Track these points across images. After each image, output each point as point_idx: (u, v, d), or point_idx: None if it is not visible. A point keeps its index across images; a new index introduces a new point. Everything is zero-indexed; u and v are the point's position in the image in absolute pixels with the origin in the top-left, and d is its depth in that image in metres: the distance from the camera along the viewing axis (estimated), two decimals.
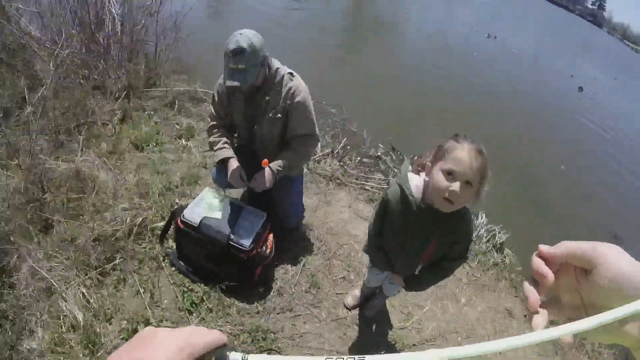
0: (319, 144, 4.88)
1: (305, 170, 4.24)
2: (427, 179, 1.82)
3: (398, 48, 15.02)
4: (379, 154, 5.94)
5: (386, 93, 9.72)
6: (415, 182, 1.88)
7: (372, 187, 4.78)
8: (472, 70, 15.38)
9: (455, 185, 1.64)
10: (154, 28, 6.71)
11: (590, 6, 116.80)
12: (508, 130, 10.30)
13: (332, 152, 5.19)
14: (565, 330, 0.47)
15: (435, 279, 2.18)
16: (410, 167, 1.99)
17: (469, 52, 18.41)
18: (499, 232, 4.76)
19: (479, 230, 4.69)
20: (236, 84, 2.48)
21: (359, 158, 5.52)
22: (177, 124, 4.84)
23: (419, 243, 1.97)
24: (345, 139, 5.70)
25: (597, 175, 9.81)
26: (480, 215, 4.88)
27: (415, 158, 2.05)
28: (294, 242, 3.49)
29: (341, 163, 5.05)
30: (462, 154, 1.65)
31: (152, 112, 5.00)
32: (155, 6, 6.78)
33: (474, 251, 4.29)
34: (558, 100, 15.95)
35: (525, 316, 3.74)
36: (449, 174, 1.67)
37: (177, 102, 5.29)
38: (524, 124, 11.40)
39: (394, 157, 6.03)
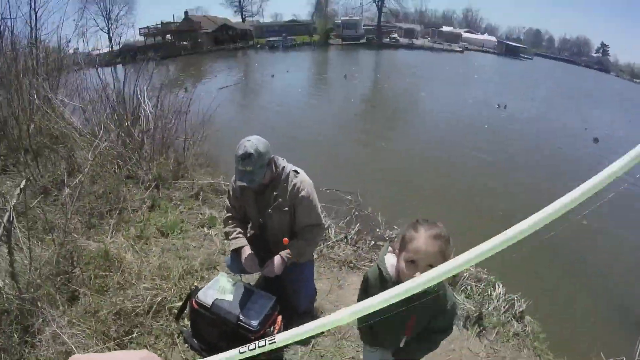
0: (332, 230, 5.21)
1: (316, 255, 4.49)
2: (398, 264, 2.03)
3: (411, 133, 15.72)
4: (394, 235, 6.03)
5: (401, 177, 10.27)
6: (392, 261, 2.10)
7: None
8: (484, 143, 16.04)
9: (417, 274, 1.78)
10: (183, 126, 7.41)
11: (595, 54, 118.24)
12: (524, 197, 10.68)
13: (346, 237, 5.32)
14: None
15: (421, 349, 2.35)
16: (389, 248, 2.19)
17: (479, 125, 19.28)
18: (519, 300, 4.67)
19: (497, 301, 4.59)
20: (245, 184, 2.91)
21: (373, 242, 5.56)
22: (201, 213, 5.23)
23: (398, 317, 2.14)
24: (358, 223, 5.92)
25: (620, 224, 10.01)
26: (497, 285, 4.85)
27: (394, 241, 2.23)
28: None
29: (355, 247, 5.14)
30: (419, 243, 1.82)
31: (178, 202, 5.45)
32: (185, 106, 7.53)
33: (492, 324, 4.21)
34: (575, 156, 16.38)
35: None
36: (412, 263, 1.85)
37: (201, 194, 5.74)
38: (541, 187, 11.74)
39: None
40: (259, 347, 0.77)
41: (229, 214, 3.39)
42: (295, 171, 3.19)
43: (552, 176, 13.28)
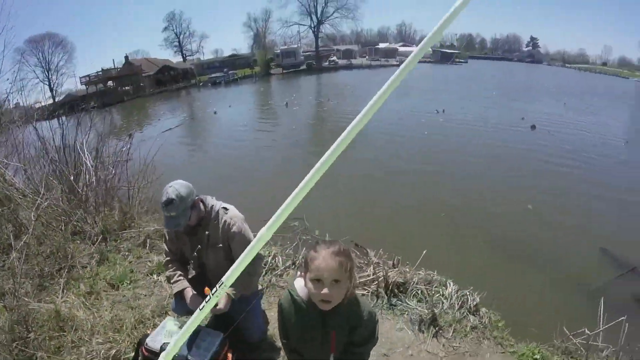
0: (279, 259, 5.33)
1: (265, 285, 4.63)
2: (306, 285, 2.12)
3: (354, 152, 16.10)
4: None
5: (343, 195, 10.61)
6: (301, 284, 2.19)
7: None
8: (426, 147, 16.97)
9: (325, 290, 1.94)
10: (125, 174, 7.41)
11: (526, 48, 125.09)
12: (474, 187, 11.35)
13: (294, 263, 5.41)
14: None
15: None
16: (299, 273, 2.32)
17: (419, 133, 20.66)
18: (471, 294, 4.77)
19: (450, 299, 4.68)
20: (171, 229, 3.08)
21: None
22: (149, 261, 5.24)
23: (319, 336, 2.24)
24: (304, 248, 6.02)
25: (565, 205, 10.98)
26: (448, 283, 4.96)
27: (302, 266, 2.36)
28: (257, 356, 3.67)
29: None
30: (320, 262, 1.95)
31: (126, 253, 5.45)
32: (125, 154, 7.54)
33: (447, 322, 4.31)
34: (513, 145, 17.53)
35: None
36: (317, 281, 1.97)
37: (148, 241, 5.75)
38: (486, 177, 12.48)
39: (358, 253, 6.44)
40: None
41: (168, 258, 3.48)
42: (225, 208, 3.31)
43: (493, 164, 14.08)
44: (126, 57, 62.60)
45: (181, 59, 79.30)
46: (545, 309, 6.35)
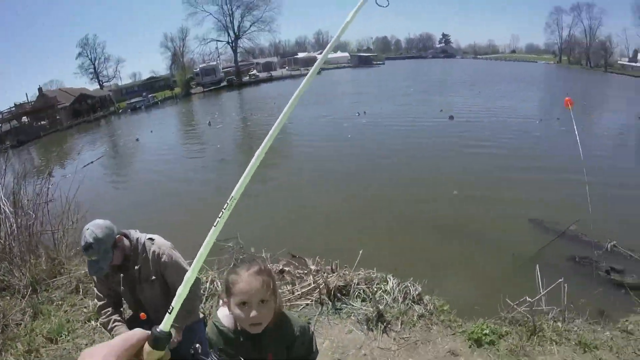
0: (218, 283, 5.27)
1: (203, 314, 4.53)
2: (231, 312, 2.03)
3: (281, 163, 16.27)
4: (281, 267, 6.23)
5: (273, 209, 10.70)
6: (226, 312, 2.08)
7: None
8: (349, 150, 17.91)
9: (253, 313, 1.87)
10: (47, 217, 7.01)
11: (439, 45, 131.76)
12: (400, 182, 11.85)
13: None
14: None
15: None
16: (220, 302, 2.23)
17: (343, 136, 21.26)
18: (413, 285, 4.94)
19: (393, 294, 4.82)
20: (94, 273, 2.93)
21: None
22: (85, 307, 5.04)
23: None
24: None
25: (491, 184, 11.86)
26: (388, 279, 5.11)
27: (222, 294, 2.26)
28: None
29: None
30: (243, 284, 1.89)
31: (60, 302, 5.21)
32: (45, 196, 7.13)
33: (394, 316, 4.45)
34: (434, 137, 18.58)
35: (469, 347, 3.97)
36: (243, 304, 1.89)
37: (81, 286, 5.52)
38: (411, 171, 12.99)
39: (297, 264, 6.44)
40: None
41: (101, 303, 3.28)
42: (150, 239, 3.18)
43: (417, 157, 14.69)
44: (40, 89, 59.18)
45: (98, 86, 75.93)
46: (487, 284, 6.65)
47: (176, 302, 0.80)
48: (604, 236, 8.09)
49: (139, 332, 0.74)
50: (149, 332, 0.75)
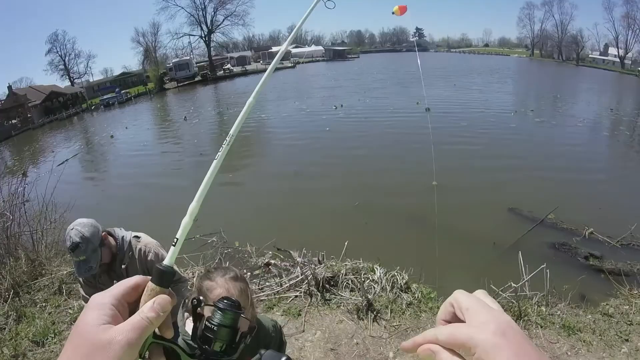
0: None
1: None
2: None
3: (262, 158, 16.26)
4: (267, 260, 6.26)
5: (256, 204, 10.72)
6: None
7: (267, 296, 5.00)
8: (329, 143, 18.15)
9: None
10: (25, 217, 6.85)
11: (412, 39, 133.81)
12: (380, 174, 12.08)
13: None
14: None
15: None
16: (185, 315, 1.99)
17: (321, 130, 21.28)
18: (399, 274, 5.00)
19: (381, 283, 4.87)
20: (85, 274, 2.81)
21: (249, 273, 5.76)
22: (70, 308, 4.96)
23: None
24: (228, 261, 6.11)
25: (469, 176, 12.17)
26: (375, 268, 5.18)
27: (182, 308, 2.06)
28: None
29: None
30: (221, 290, 1.78)
31: (43, 304, 5.10)
32: (20, 196, 6.96)
33: (383, 304, 4.51)
34: (412, 130, 18.92)
35: None
36: None
37: (64, 287, 5.42)
38: (390, 163, 13.44)
39: (283, 257, 6.46)
40: None
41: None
42: (136, 237, 3.11)
43: (395, 149, 14.84)
44: (9, 87, 57.48)
45: (69, 83, 74.16)
46: (471, 272, 6.75)
47: (181, 234, 0.73)
48: (581, 223, 8.37)
49: (137, 277, 0.69)
50: (148, 276, 0.69)
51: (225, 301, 1.38)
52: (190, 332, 1.80)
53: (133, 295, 0.67)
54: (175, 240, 0.74)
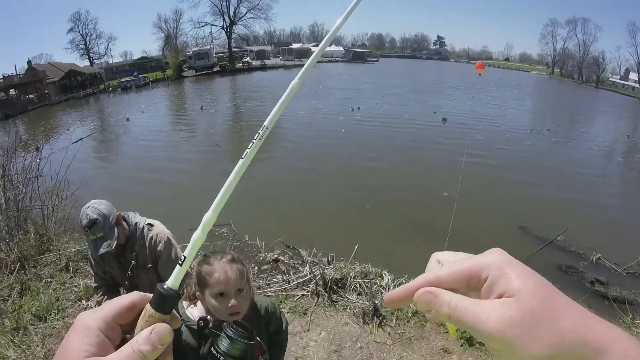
0: None
1: None
2: (204, 306, 1.93)
3: (273, 153, 16.23)
4: (276, 256, 6.26)
5: (268, 198, 10.72)
6: (197, 313, 1.94)
7: (274, 292, 4.99)
8: (345, 145, 18.11)
9: (232, 302, 1.80)
10: (37, 192, 6.88)
11: (433, 47, 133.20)
12: (394, 180, 11.96)
13: None
14: None
15: (279, 353, 2.33)
16: (184, 304, 2.04)
17: (337, 131, 21.37)
18: (406, 280, 4.89)
19: (388, 289, 4.81)
20: (104, 251, 2.69)
21: (257, 267, 5.75)
22: (75, 286, 4.96)
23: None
24: (237, 253, 6.00)
25: (483, 190, 11.98)
26: (384, 274, 5.16)
27: (182, 294, 2.03)
28: None
29: None
30: (219, 274, 1.82)
31: (49, 279, 5.11)
32: (34, 170, 6.98)
33: (389, 311, 4.46)
34: (428, 139, 18.68)
35: (461, 345, 4.01)
36: (220, 295, 1.82)
37: (71, 264, 5.42)
38: (404, 170, 13.28)
39: (291, 255, 6.44)
40: None
41: (96, 284, 3.19)
42: (150, 224, 3.05)
43: (409, 156, 14.78)
44: (29, 62, 57.75)
45: (88, 63, 74.48)
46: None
47: (189, 252, 0.58)
48: (589, 248, 8.32)
49: (134, 294, 0.58)
50: (149, 294, 0.58)
51: (234, 327, 1.23)
52: (192, 317, 1.91)
53: (127, 317, 0.57)
54: (182, 259, 0.58)
